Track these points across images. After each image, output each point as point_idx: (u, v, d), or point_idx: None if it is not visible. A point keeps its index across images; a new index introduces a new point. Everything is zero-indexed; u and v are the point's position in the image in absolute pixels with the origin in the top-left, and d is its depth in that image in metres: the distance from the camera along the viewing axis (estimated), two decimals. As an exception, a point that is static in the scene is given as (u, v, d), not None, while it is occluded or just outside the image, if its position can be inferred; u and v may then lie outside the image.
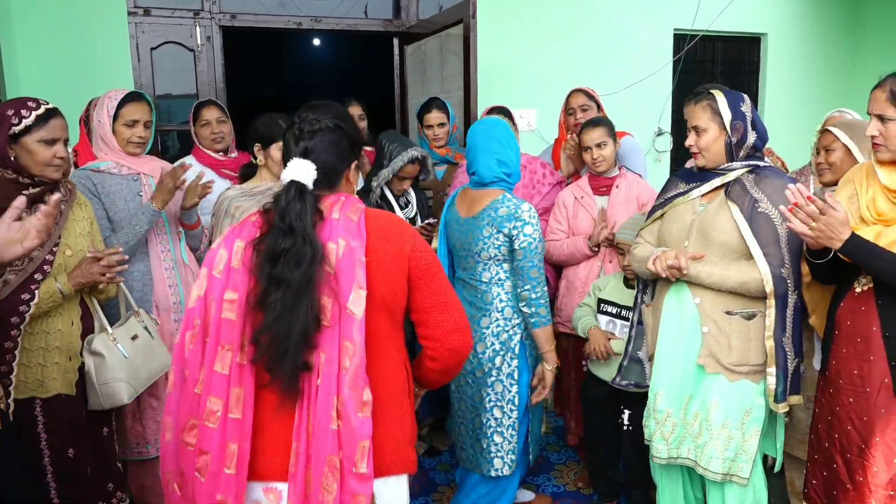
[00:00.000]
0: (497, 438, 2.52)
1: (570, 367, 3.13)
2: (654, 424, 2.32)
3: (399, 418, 1.58)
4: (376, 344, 1.53)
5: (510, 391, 2.50)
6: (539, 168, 3.32)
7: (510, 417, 2.51)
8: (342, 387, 1.43)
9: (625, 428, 2.75)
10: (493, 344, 2.48)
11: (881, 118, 1.95)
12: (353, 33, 4.99)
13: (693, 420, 2.25)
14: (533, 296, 2.42)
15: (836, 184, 2.36)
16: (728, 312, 2.19)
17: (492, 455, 2.54)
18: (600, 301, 2.86)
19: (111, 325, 2.34)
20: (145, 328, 2.44)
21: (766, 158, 2.32)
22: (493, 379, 2.50)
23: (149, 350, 2.42)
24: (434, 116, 3.55)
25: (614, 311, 2.81)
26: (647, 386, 2.41)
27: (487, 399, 2.51)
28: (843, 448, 2.06)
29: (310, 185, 1.52)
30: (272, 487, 1.49)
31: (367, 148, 3.57)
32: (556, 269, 3.18)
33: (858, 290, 2.04)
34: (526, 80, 4.95)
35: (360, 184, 2.61)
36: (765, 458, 2.38)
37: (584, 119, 3.34)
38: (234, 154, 3.47)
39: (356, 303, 1.45)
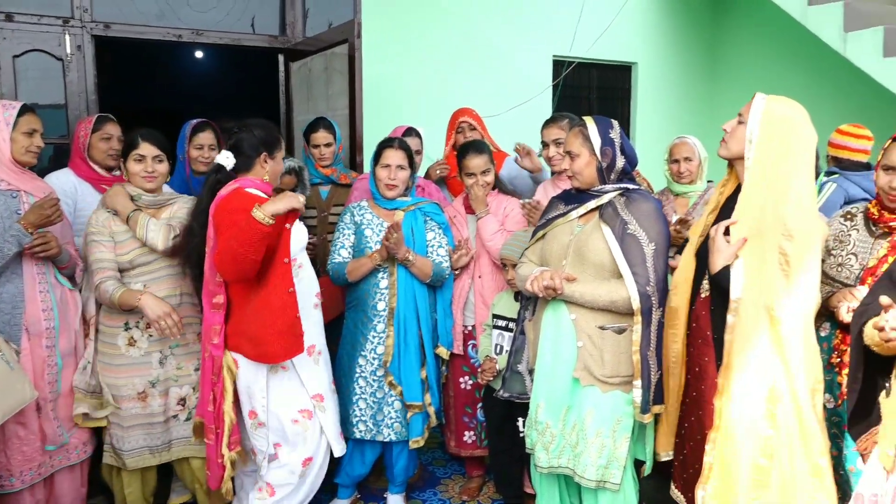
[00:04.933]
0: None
1: (449, 385, 3.24)
2: (535, 435, 2.42)
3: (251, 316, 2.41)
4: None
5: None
6: (435, 192, 3.46)
7: None
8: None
9: (521, 435, 2.85)
10: None
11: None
12: (237, 48, 4.90)
13: (571, 431, 2.36)
14: None
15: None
16: (601, 327, 2.32)
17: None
18: (494, 316, 2.99)
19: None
20: (4, 359, 2.29)
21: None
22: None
23: (5, 384, 2.27)
24: (321, 136, 3.55)
25: (504, 325, 2.93)
26: (528, 397, 2.51)
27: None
28: (691, 434, 2.30)
29: (228, 166, 2.47)
30: None
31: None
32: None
33: (703, 295, 2.27)
34: (412, 100, 5.03)
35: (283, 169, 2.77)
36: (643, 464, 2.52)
37: (472, 137, 3.48)
38: (117, 172, 3.33)
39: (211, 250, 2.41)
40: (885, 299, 1.72)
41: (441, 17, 5.18)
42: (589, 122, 2.41)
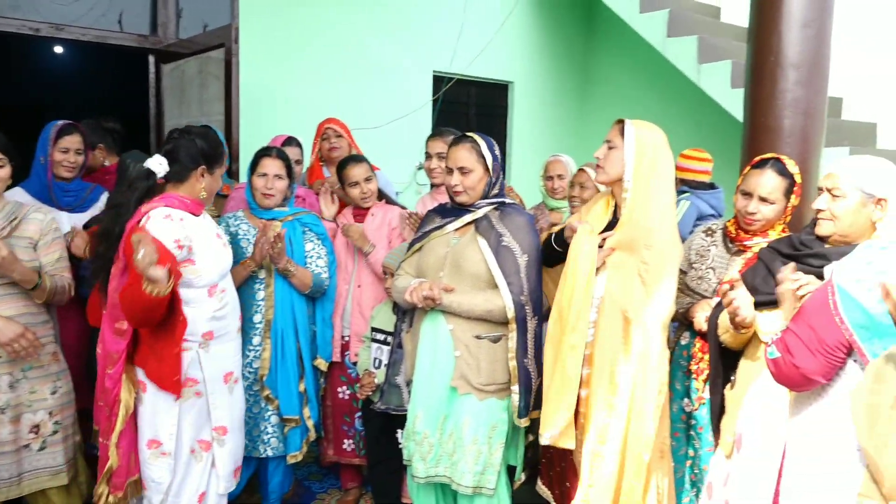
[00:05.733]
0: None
1: (327, 394, 3.23)
2: (413, 446, 2.44)
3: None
4: None
5: None
6: (316, 202, 3.41)
7: None
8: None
9: (399, 446, 2.85)
10: None
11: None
12: (102, 46, 4.62)
13: (448, 439, 2.41)
14: None
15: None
16: (477, 337, 2.39)
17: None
18: (373, 329, 2.97)
19: None
20: None
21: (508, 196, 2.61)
22: None
23: None
24: None
25: (382, 339, 2.93)
26: (406, 409, 2.54)
27: None
28: None
29: (159, 174, 2.30)
30: None
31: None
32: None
33: None
34: (292, 109, 4.94)
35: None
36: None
37: (338, 144, 3.49)
38: None
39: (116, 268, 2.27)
40: (733, 275, 1.93)
41: (323, 27, 5.14)
42: (479, 139, 2.49)
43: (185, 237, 2.28)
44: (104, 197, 3.22)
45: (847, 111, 5.11)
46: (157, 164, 2.31)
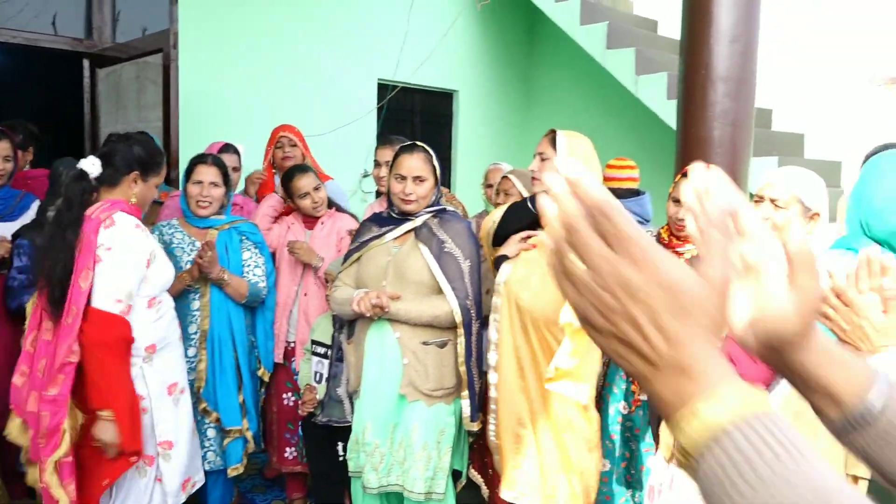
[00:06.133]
0: None
1: (272, 401, 3.20)
2: (363, 457, 2.45)
3: None
4: None
5: None
6: (254, 209, 3.40)
7: None
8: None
9: (340, 459, 2.83)
10: None
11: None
12: (34, 49, 4.47)
13: (399, 447, 2.42)
14: None
15: None
16: (424, 343, 2.41)
17: None
18: (313, 342, 2.94)
19: None
20: None
21: (447, 203, 2.64)
22: None
23: None
24: None
25: (323, 352, 2.90)
26: (348, 421, 2.54)
27: None
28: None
29: (92, 174, 2.28)
30: None
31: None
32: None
33: None
34: (232, 116, 4.87)
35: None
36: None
37: (292, 153, 3.43)
38: None
39: (84, 279, 2.15)
40: None
41: (265, 34, 5.08)
42: (427, 148, 2.52)
43: (151, 249, 2.30)
44: (35, 205, 3.12)
45: (776, 122, 5.32)
46: (91, 165, 2.29)
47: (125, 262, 2.22)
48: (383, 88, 5.82)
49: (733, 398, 0.47)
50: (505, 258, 2.43)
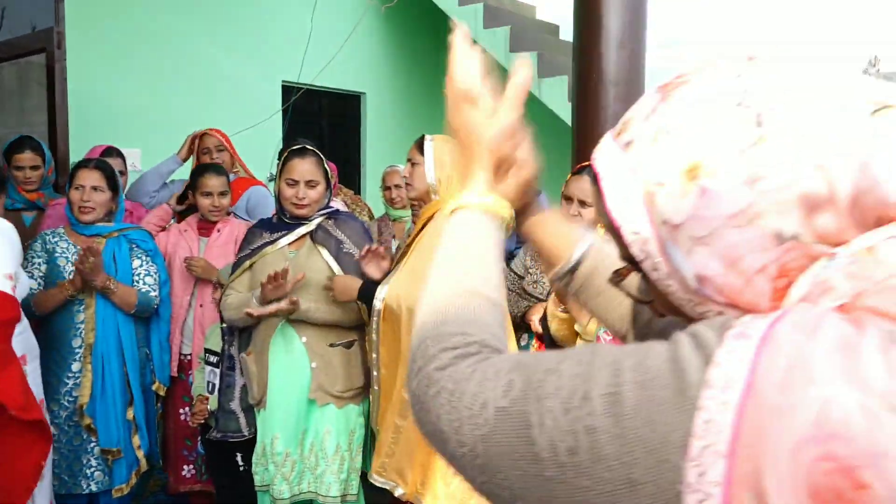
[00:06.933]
0: None
1: (169, 416, 3.11)
2: (273, 468, 2.40)
3: None
4: None
5: None
6: (145, 214, 3.30)
7: None
8: None
9: (241, 469, 2.76)
10: None
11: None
12: None
13: (310, 454, 2.40)
14: None
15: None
16: (331, 345, 2.40)
17: None
18: (206, 351, 2.85)
19: None
20: None
21: (341, 204, 2.65)
22: None
23: None
24: (27, 158, 3.18)
25: (215, 361, 2.82)
26: (244, 435, 2.49)
27: None
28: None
29: None
30: None
31: None
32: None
33: None
34: (127, 119, 4.66)
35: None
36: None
37: (221, 158, 3.42)
38: None
39: None
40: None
41: (161, 35, 4.89)
42: (317, 152, 2.50)
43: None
44: None
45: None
46: None
47: None
48: (288, 90, 5.73)
49: (473, 195, 0.73)
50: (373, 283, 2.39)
